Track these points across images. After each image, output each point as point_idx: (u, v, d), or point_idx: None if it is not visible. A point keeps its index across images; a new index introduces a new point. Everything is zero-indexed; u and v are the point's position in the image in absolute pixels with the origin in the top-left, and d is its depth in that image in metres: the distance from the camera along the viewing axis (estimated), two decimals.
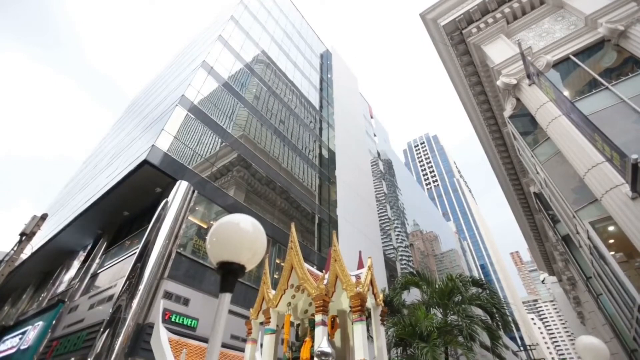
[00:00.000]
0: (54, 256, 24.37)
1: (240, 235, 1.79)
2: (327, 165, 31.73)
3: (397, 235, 48.79)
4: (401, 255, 45.98)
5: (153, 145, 15.85)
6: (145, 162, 15.26)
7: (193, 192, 16.28)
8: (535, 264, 35.86)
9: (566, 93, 12.61)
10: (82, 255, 22.08)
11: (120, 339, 11.30)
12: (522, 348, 63.03)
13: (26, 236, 10.70)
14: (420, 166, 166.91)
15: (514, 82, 13.61)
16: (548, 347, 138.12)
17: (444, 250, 73.19)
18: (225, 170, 19.69)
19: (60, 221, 24.01)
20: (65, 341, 14.69)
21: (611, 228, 11.45)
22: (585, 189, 11.56)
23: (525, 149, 15.98)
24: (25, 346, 16.99)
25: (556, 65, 13.00)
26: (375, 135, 59.72)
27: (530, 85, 12.89)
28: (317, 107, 36.96)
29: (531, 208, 23.67)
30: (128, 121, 33.25)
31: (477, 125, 21.10)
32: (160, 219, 14.69)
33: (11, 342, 19.26)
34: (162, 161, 15.81)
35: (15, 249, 10.53)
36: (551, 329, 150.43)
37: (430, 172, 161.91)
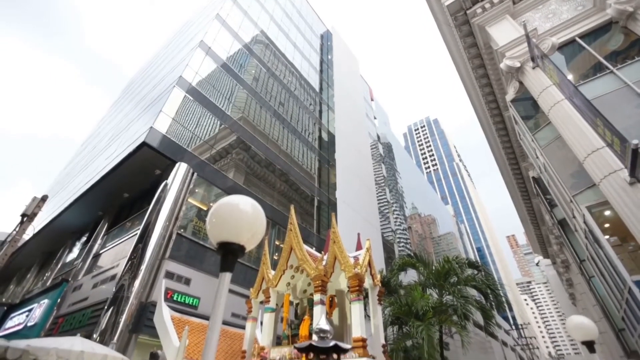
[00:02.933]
0: (56, 237, 24.66)
1: (239, 216, 1.81)
2: (326, 148, 31.62)
3: (396, 218, 49.25)
4: (399, 238, 46.60)
5: (151, 127, 15.73)
6: (144, 144, 15.19)
7: (192, 174, 16.30)
8: (531, 247, 36.49)
9: (570, 77, 12.45)
10: (84, 237, 22.36)
11: (124, 316, 11.63)
12: (513, 327, 65.01)
13: (27, 217, 10.76)
14: (420, 150, 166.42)
15: (518, 65, 13.39)
16: (539, 327, 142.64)
17: (441, 233, 74.12)
18: (224, 152, 19.63)
19: (61, 202, 24.14)
20: (70, 318, 15.11)
21: (607, 212, 11.61)
22: (584, 174, 11.64)
23: (525, 134, 15.94)
24: (32, 323, 17.48)
25: (561, 47, 12.77)
26: (375, 118, 59.18)
27: (534, 68, 12.69)
28: (317, 89, 36.42)
29: (529, 192, 23.82)
30: (126, 102, 32.80)
31: (478, 108, 20.91)
32: (160, 201, 14.79)
33: (18, 319, 19.79)
34: (160, 143, 15.73)
35: (17, 229, 10.62)
36: (543, 310, 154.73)
37: (430, 156, 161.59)
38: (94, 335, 11.34)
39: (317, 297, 5.90)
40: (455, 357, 24.79)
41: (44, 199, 11.31)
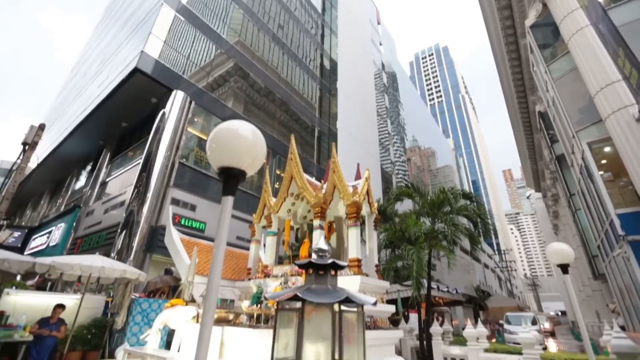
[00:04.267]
0: (62, 166, 25.11)
1: (239, 141, 1.81)
2: (328, 77, 30.11)
3: (396, 150, 49.43)
4: (398, 169, 47.44)
5: (142, 51, 14.74)
6: (136, 70, 14.44)
7: (190, 102, 15.87)
8: (525, 181, 37.47)
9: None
10: (88, 165, 22.78)
11: (137, 238, 12.55)
12: (496, 252, 70.52)
13: (29, 146, 10.81)
14: (426, 80, 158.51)
15: None
16: (520, 253, 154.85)
17: (439, 166, 75.24)
18: (222, 80, 18.76)
19: (61, 132, 23.98)
20: (88, 239, 16.31)
21: (607, 149, 11.70)
22: (591, 110, 11.44)
23: (540, 64, 15.12)
24: (54, 243, 18.94)
25: None
26: (381, 45, 55.03)
27: None
28: (319, 9, 33.07)
29: (532, 127, 23.54)
30: (111, 23, 30.05)
31: (493, 34, 19.36)
32: (159, 131, 14.69)
33: (40, 240, 21.41)
34: (154, 69, 14.94)
35: (21, 158, 10.76)
36: (526, 238, 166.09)
37: (436, 87, 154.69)
38: (112, 255, 12.40)
39: (316, 222, 6.29)
40: (441, 276, 27.46)
41: (41, 127, 11.20)
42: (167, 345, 6.33)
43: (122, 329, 7.36)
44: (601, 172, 11.57)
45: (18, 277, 8.67)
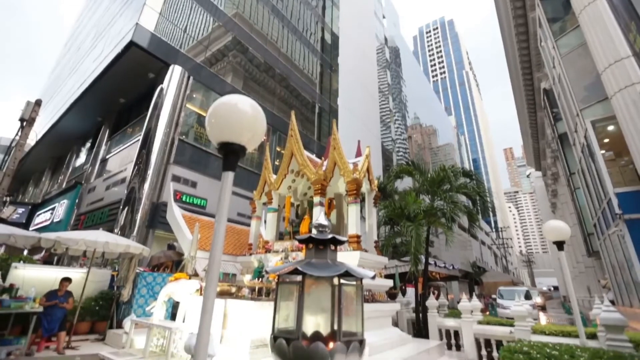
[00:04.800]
0: (61, 143, 24.97)
1: (239, 116, 1.79)
2: (329, 52, 29.26)
3: (397, 127, 48.95)
4: (398, 147, 47.20)
5: (137, 23, 14.24)
6: (132, 44, 14.02)
7: (188, 78, 15.54)
8: (525, 160, 37.37)
9: None
10: (88, 142, 22.66)
11: (139, 214, 12.71)
12: (494, 230, 71.56)
13: (26, 122, 10.70)
14: (430, 56, 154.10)
15: None
16: (517, 230, 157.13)
17: (440, 144, 74.79)
18: (220, 54, 18.26)
19: (58, 108, 23.66)
20: (91, 215, 16.52)
21: (610, 128, 11.61)
22: (597, 87, 11.26)
23: (548, 39, 14.69)
24: (58, 219, 19.21)
25: None
26: (384, 17, 53.09)
27: None
28: None
29: (536, 105, 23.20)
30: None
31: (501, 6, 18.65)
32: (158, 107, 14.48)
33: (44, 216, 21.70)
34: (150, 43, 14.50)
35: (19, 134, 10.69)
36: (523, 216, 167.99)
37: (439, 62, 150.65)
38: (115, 230, 12.60)
39: (316, 199, 6.34)
40: (438, 253, 28.04)
41: (38, 103, 11.03)
42: (173, 316, 6.58)
43: (128, 301, 7.62)
44: (603, 151, 11.54)
45: (25, 252, 8.87)
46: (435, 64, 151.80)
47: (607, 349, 3.82)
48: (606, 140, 12.06)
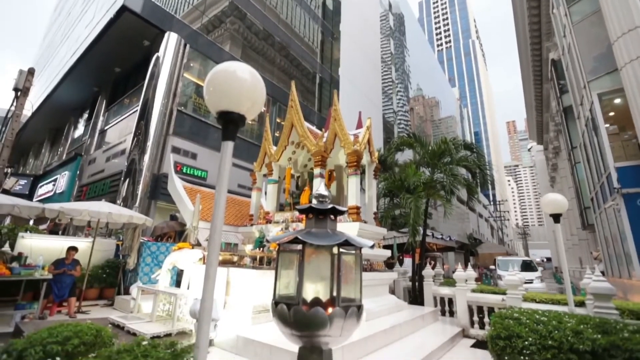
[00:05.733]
0: (58, 114, 24.59)
1: (238, 84, 1.74)
2: (330, 18, 28.00)
3: (399, 99, 47.98)
4: (400, 119, 46.54)
5: None
6: (124, 9, 13.40)
7: (185, 46, 15.00)
8: (528, 133, 36.98)
9: None
10: (85, 113, 22.32)
11: (140, 186, 12.79)
12: (491, 203, 72.27)
13: (21, 91, 10.47)
14: (435, 23, 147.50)
15: None
16: (514, 204, 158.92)
17: (442, 117, 73.69)
18: (217, 21, 17.49)
19: (52, 78, 23.05)
20: (93, 187, 16.63)
21: (617, 101, 11.41)
22: (608, 58, 10.95)
23: (560, 5, 14.05)
24: (60, 191, 19.36)
25: None
26: None
27: None
28: None
29: (542, 76, 22.61)
30: None
31: None
32: (155, 76, 14.11)
33: (47, 188, 21.86)
34: (143, 7, 13.85)
35: (14, 105, 10.49)
36: (522, 190, 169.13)
37: (445, 31, 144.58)
38: (118, 201, 12.74)
39: (316, 171, 6.35)
40: (436, 224, 28.57)
41: (31, 72, 10.74)
42: (177, 284, 6.83)
43: (134, 269, 7.87)
44: (607, 125, 11.42)
45: (31, 222, 9.03)
46: (440, 33, 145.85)
47: (593, 315, 3.99)
48: (611, 114, 11.89)
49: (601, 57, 11.72)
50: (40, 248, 7.31)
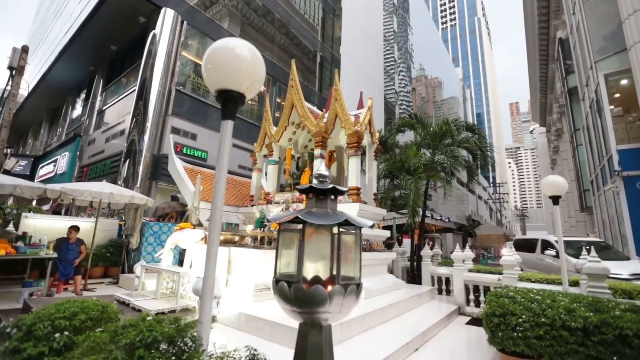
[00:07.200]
0: (55, 93, 24.22)
1: (237, 61, 1.69)
2: None
3: (401, 79, 47.08)
4: (402, 100, 45.85)
5: None
6: None
7: (182, 23, 14.57)
8: (531, 115, 36.53)
9: None
10: (82, 93, 21.98)
11: (141, 166, 12.78)
12: (491, 185, 72.39)
13: (15, 70, 10.26)
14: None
15: None
16: (514, 186, 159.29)
17: (445, 97, 72.55)
18: None
19: (47, 56, 22.55)
20: (94, 168, 16.63)
21: (623, 82, 11.21)
22: (617, 37, 10.69)
23: None
24: (61, 171, 19.38)
25: None
26: None
27: None
28: None
29: (549, 56, 22.08)
30: None
31: None
32: (152, 55, 13.79)
33: (47, 168, 21.86)
34: None
35: (10, 84, 10.31)
36: (522, 172, 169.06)
37: (450, 7, 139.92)
38: (119, 182, 12.77)
39: (317, 151, 6.33)
40: (435, 206, 28.70)
41: (25, 49, 10.49)
42: (180, 262, 6.96)
43: (137, 248, 8.00)
44: (611, 107, 11.27)
45: (34, 203, 9.11)
46: (445, 9, 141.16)
47: (587, 295, 4.09)
48: (616, 96, 11.72)
49: (610, 36, 11.41)
50: (44, 228, 7.41)
